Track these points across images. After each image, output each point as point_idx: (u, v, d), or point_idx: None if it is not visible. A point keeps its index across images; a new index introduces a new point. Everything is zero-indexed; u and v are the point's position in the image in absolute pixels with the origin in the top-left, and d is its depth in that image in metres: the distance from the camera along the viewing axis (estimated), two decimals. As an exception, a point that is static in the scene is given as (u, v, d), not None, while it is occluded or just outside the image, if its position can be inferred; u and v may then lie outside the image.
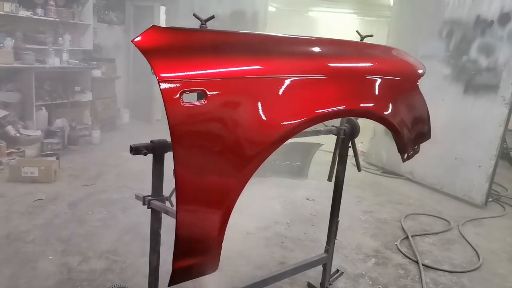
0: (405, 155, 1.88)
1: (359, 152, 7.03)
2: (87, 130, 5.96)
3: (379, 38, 7.72)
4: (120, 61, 7.25)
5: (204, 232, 1.34)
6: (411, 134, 1.82)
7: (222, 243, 1.39)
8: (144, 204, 1.73)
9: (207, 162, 1.26)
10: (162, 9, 7.39)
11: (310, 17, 12.23)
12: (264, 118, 1.34)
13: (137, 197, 1.77)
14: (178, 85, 1.16)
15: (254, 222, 3.73)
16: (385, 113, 1.69)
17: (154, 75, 1.16)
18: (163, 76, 1.16)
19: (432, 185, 5.17)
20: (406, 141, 1.79)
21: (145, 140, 1.69)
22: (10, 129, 4.84)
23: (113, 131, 6.58)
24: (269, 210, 4.05)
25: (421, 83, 2.12)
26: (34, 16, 5.45)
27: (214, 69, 1.27)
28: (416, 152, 1.97)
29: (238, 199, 1.38)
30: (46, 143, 5.10)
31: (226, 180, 1.31)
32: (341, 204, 4.17)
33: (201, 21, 1.58)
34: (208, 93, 1.21)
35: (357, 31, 2.28)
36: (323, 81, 1.50)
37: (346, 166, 2.53)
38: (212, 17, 1.59)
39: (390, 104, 1.72)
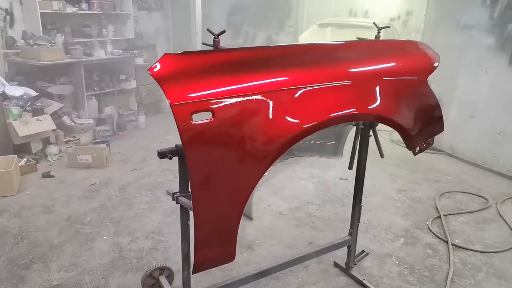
0: (417, 149, 1.93)
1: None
2: (133, 116, 6.40)
3: (420, 6, 7.28)
4: (161, 46, 7.56)
5: (219, 229, 1.55)
6: (420, 130, 1.87)
7: (237, 237, 1.59)
8: (173, 199, 1.96)
9: (217, 170, 1.45)
10: (198, -8, 7.50)
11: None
12: (265, 131, 1.48)
13: (168, 193, 2.01)
14: (187, 107, 1.34)
15: (287, 203, 3.92)
16: (392, 114, 1.74)
17: (167, 100, 1.34)
18: (174, 100, 1.33)
19: (474, 160, 5.03)
20: (414, 138, 1.84)
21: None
22: (66, 119, 5.35)
23: (157, 114, 6.99)
24: (302, 190, 4.21)
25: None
26: (79, 11, 5.85)
27: (219, 88, 1.42)
28: (430, 144, 2.01)
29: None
30: (97, 131, 5.57)
31: (235, 184, 1.49)
32: (375, 183, 4.29)
33: (213, 35, 1.73)
34: (214, 111, 1.38)
35: (374, 23, 2.30)
36: (324, 89, 1.60)
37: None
38: (223, 31, 1.73)
39: (398, 105, 1.77)
